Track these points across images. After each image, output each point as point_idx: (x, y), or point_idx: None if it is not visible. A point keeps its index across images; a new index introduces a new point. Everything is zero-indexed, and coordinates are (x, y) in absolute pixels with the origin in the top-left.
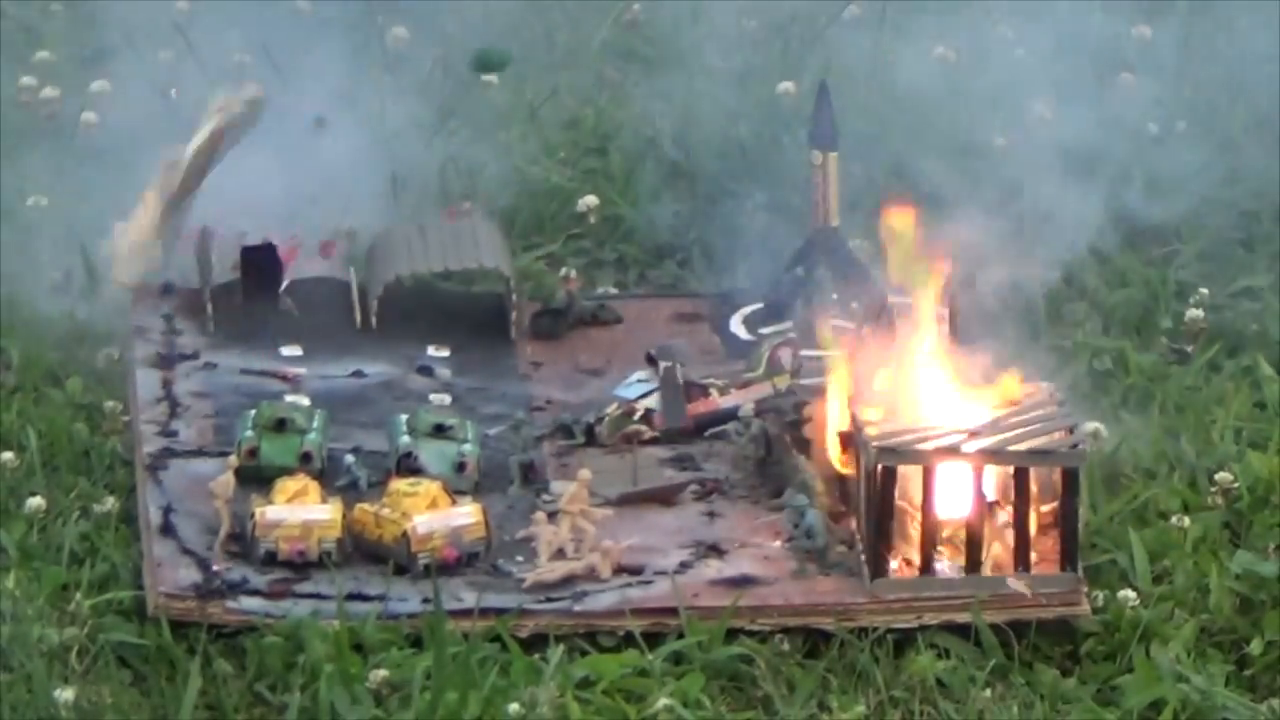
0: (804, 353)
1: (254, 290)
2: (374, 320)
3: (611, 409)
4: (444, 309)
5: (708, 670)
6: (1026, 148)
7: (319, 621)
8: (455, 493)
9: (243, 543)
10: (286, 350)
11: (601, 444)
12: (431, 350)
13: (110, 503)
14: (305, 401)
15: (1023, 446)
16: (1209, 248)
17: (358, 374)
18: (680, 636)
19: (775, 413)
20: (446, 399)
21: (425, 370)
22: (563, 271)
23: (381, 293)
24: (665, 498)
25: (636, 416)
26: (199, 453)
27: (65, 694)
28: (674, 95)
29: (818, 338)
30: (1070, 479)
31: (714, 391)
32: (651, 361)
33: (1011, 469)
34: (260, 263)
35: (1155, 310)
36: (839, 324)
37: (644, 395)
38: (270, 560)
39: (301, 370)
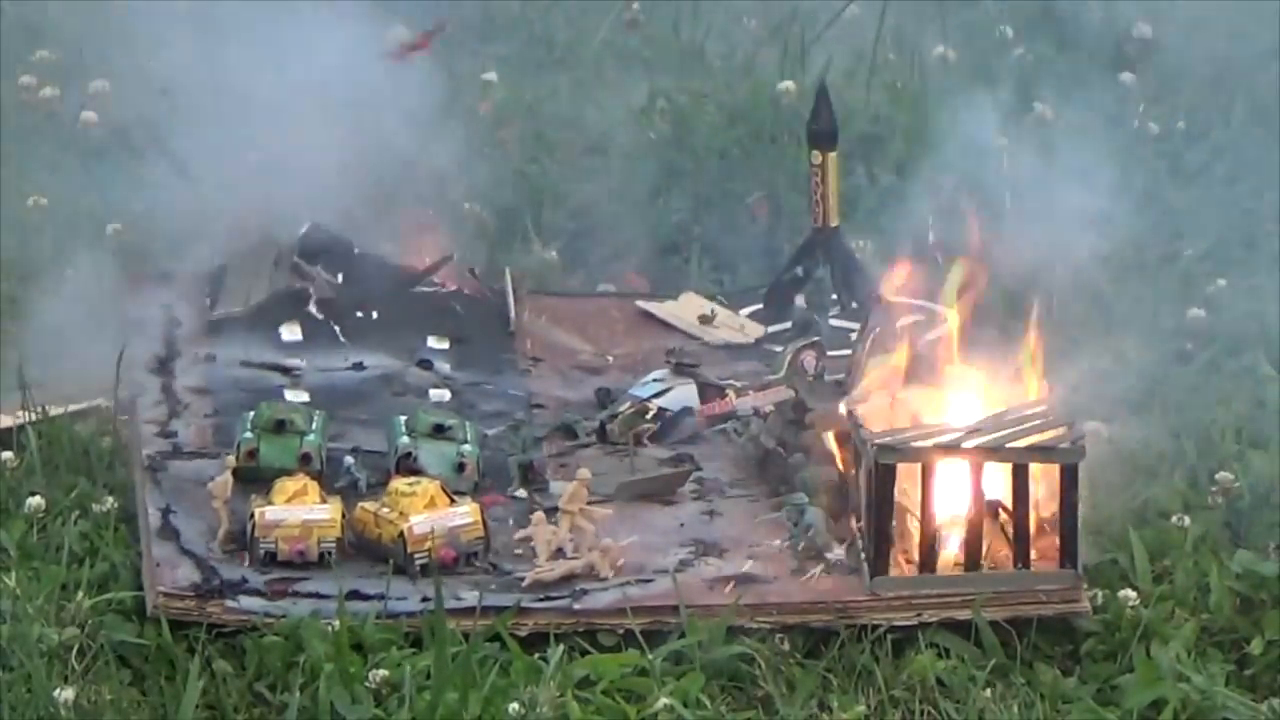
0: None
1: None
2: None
3: (624, 407)
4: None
5: (708, 670)
6: (1027, 147)
7: (319, 621)
8: (455, 493)
9: (242, 542)
10: (287, 335)
11: (613, 442)
12: (432, 342)
13: (110, 503)
14: (304, 397)
15: (1022, 443)
16: (1210, 247)
17: (358, 366)
18: (680, 636)
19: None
20: (446, 394)
21: (425, 364)
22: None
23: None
24: (664, 489)
25: (649, 415)
26: (199, 453)
27: (65, 694)
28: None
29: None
30: (1069, 476)
31: (731, 393)
32: (672, 362)
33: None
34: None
35: (1156, 310)
36: (839, 324)
37: (658, 394)
38: (270, 560)
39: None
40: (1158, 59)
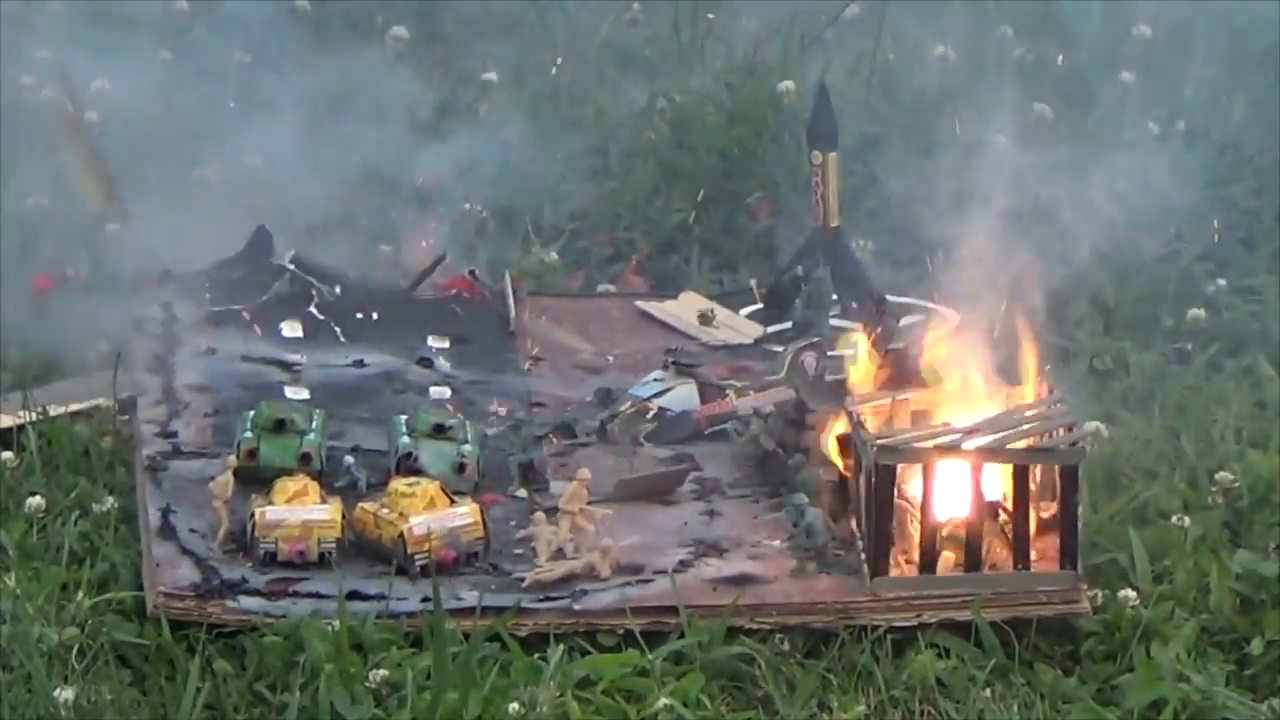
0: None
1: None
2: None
3: (624, 407)
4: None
5: (708, 670)
6: (1028, 147)
7: (319, 621)
8: (455, 493)
9: (242, 542)
10: (288, 330)
11: (613, 442)
12: (432, 341)
13: (110, 503)
14: (304, 394)
15: (1022, 445)
16: (1210, 247)
17: (359, 363)
18: (680, 636)
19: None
20: (446, 392)
21: (425, 362)
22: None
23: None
24: (664, 487)
25: (649, 415)
26: (199, 453)
27: (65, 694)
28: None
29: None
30: (1070, 477)
31: (731, 393)
32: (670, 362)
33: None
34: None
35: (1156, 310)
36: (839, 324)
37: (658, 394)
38: (270, 560)
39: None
40: (1158, 59)
